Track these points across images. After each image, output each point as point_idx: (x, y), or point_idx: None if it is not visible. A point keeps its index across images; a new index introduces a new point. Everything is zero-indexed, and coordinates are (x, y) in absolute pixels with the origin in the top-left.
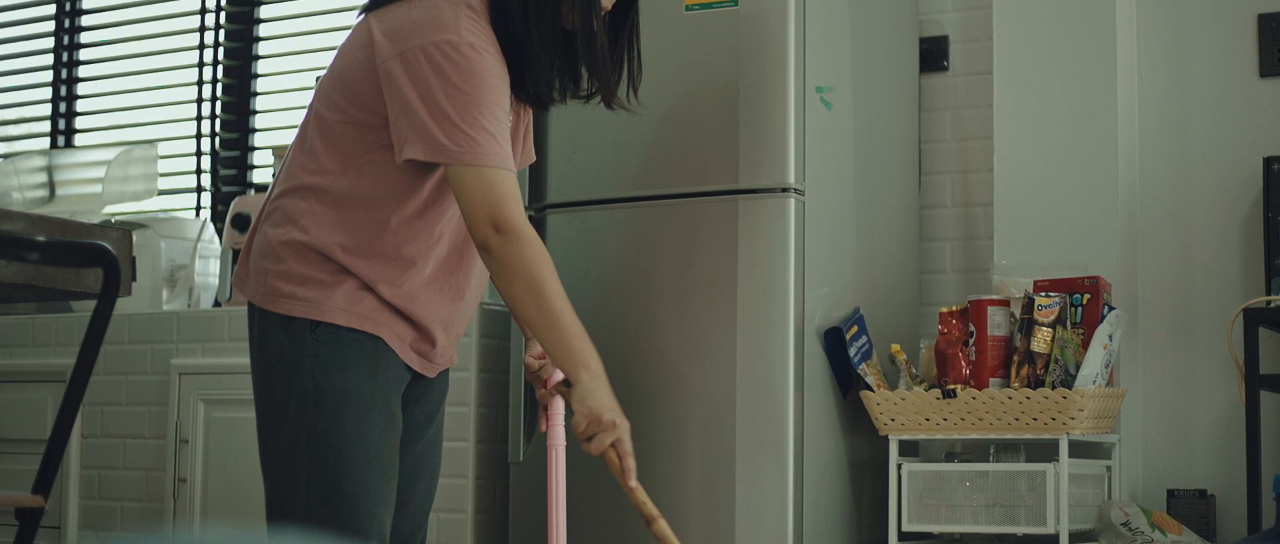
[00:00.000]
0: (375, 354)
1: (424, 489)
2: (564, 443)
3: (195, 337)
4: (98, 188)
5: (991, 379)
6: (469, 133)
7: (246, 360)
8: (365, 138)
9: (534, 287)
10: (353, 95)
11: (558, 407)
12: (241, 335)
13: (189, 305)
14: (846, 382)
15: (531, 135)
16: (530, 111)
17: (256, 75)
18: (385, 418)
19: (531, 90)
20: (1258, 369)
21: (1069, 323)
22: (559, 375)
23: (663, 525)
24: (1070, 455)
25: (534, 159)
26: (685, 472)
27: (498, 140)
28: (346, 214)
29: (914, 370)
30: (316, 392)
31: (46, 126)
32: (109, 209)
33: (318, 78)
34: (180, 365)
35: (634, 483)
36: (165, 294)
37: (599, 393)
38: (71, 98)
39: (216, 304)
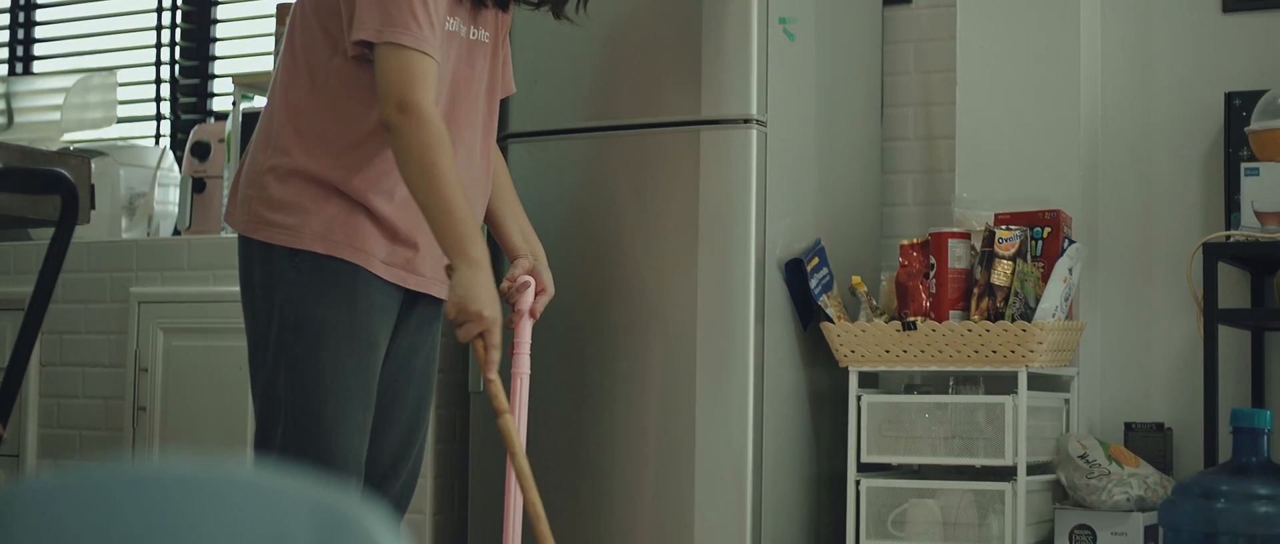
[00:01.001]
0: (354, 283)
1: (409, 421)
2: (527, 371)
3: (155, 265)
4: (56, 115)
5: (952, 311)
6: (399, 16)
7: (206, 289)
8: (328, 46)
9: (427, 169)
10: (317, 6)
11: (524, 333)
12: (202, 265)
13: (148, 234)
14: (807, 313)
15: (510, 66)
16: (507, 43)
17: (217, 2)
18: (365, 348)
19: None
20: (1216, 303)
21: (1029, 256)
22: (528, 299)
23: (508, 420)
24: (1029, 388)
25: (513, 90)
26: (645, 402)
27: (424, 27)
28: (323, 128)
29: (874, 302)
30: (296, 321)
31: (4, 53)
32: (67, 137)
33: (279, 4)
34: (139, 294)
35: (493, 375)
36: (124, 222)
37: (475, 284)
38: (30, 24)
39: (176, 233)
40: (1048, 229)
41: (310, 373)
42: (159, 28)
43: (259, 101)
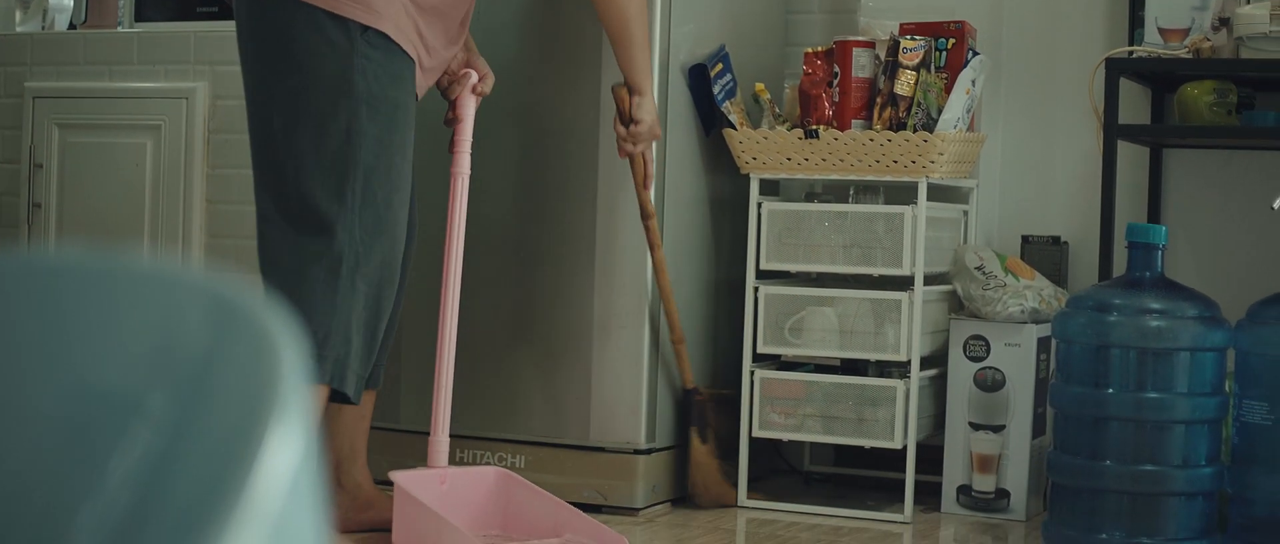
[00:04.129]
0: (411, 79)
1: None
2: (467, 171)
3: (50, 60)
4: None
5: (854, 121)
6: None
7: (103, 85)
8: None
9: (641, 7)
10: None
11: (468, 111)
12: (98, 59)
13: (43, 27)
14: (709, 120)
15: None
16: None
17: None
18: (411, 141)
19: None
20: (1116, 119)
21: (933, 67)
22: (473, 79)
23: (653, 224)
24: (928, 199)
25: None
26: (545, 204)
27: None
28: None
29: (777, 110)
30: (370, 96)
31: None
32: None
33: None
34: (34, 89)
35: (651, 187)
36: (18, 16)
37: (653, 107)
38: None
39: (72, 27)
40: (952, 40)
41: (385, 155)
42: None
43: None
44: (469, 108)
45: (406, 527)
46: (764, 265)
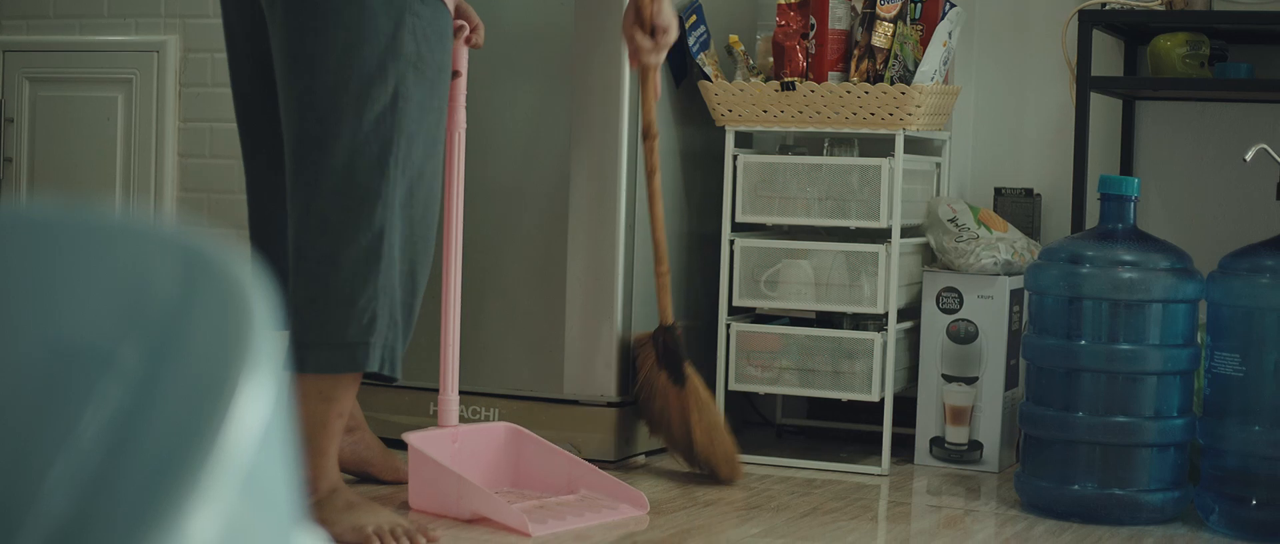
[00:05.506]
0: (452, 34)
1: None
2: (464, 126)
3: (20, 13)
4: None
5: (830, 73)
6: None
7: (74, 38)
8: None
9: None
10: None
11: (463, 64)
12: (68, 13)
13: None
14: (681, 70)
15: None
16: None
17: None
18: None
19: None
20: (1089, 70)
21: (909, 19)
22: (465, 31)
23: (655, 145)
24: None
25: None
26: (517, 145)
27: None
28: None
29: (751, 62)
30: (418, 58)
31: None
32: None
33: None
34: (5, 42)
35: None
36: None
37: (674, 10)
38: None
39: None
40: None
41: (428, 121)
42: None
43: None
44: (463, 61)
45: (423, 487)
46: (740, 217)
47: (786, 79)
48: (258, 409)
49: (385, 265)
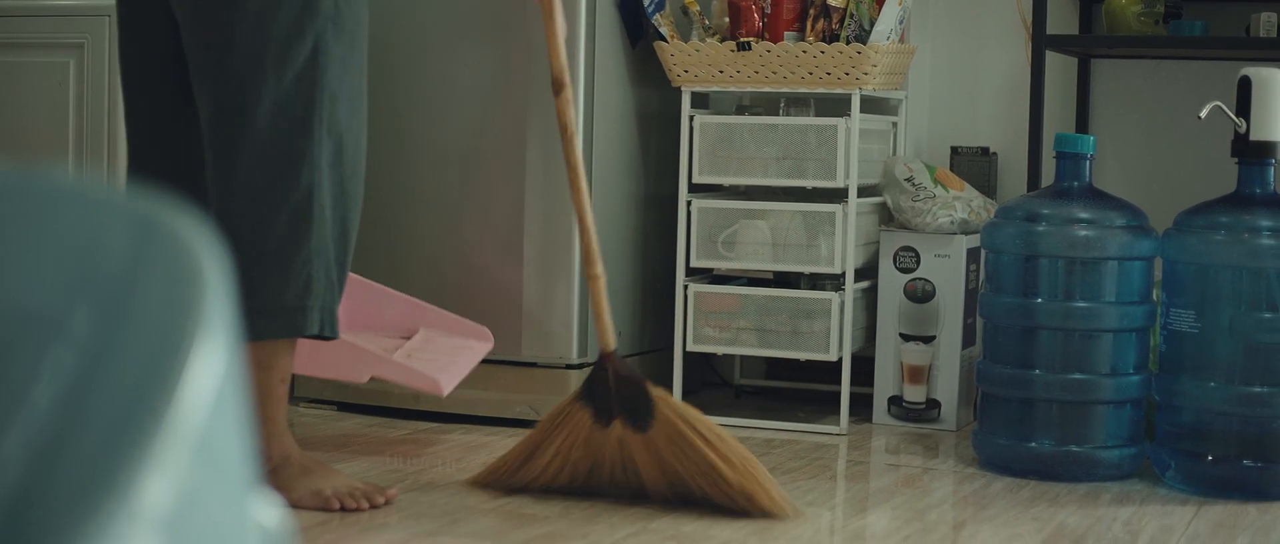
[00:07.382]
0: None
1: None
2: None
3: None
4: None
5: (786, 32)
6: None
7: (23, 3)
8: None
9: None
10: None
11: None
12: None
13: None
14: (636, 31)
15: None
16: None
17: None
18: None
19: None
20: (1045, 29)
21: None
22: None
23: (567, 94)
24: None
25: None
26: (472, 106)
27: None
28: None
29: (707, 22)
30: (336, 14)
31: None
32: None
33: None
34: None
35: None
36: None
37: None
38: None
39: None
40: None
41: (349, 79)
42: None
43: None
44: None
45: (314, 353)
46: (696, 179)
47: (742, 39)
48: (210, 375)
49: (316, 227)
